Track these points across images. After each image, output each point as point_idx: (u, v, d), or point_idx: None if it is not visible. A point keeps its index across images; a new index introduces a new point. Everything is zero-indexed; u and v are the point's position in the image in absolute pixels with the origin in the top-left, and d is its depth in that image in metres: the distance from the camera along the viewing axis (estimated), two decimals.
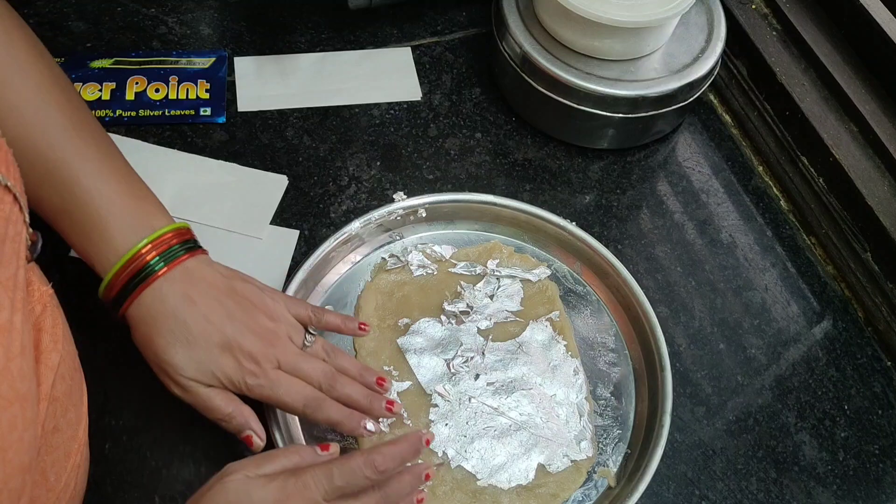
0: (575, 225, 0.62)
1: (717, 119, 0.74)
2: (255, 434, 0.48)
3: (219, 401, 0.47)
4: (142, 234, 0.46)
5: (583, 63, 0.65)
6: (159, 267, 0.46)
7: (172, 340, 0.46)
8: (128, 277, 0.46)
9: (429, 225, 0.63)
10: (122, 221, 0.46)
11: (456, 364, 0.56)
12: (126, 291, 0.46)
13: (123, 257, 0.46)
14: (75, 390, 0.41)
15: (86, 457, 0.43)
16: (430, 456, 0.53)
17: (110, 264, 0.46)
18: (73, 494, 0.41)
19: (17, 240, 0.32)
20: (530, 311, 0.59)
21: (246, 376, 0.47)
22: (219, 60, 0.71)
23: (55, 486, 0.38)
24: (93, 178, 0.46)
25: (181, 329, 0.46)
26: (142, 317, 0.46)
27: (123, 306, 0.46)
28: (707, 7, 0.69)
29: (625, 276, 0.59)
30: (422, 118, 0.71)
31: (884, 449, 0.57)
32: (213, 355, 0.46)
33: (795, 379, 0.60)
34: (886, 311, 0.62)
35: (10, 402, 0.30)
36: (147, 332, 0.46)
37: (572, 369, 0.57)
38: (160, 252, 0.46)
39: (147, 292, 0.46)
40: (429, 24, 0.77)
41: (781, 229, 0.68)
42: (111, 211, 0.46)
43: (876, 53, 0.66)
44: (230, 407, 0.47)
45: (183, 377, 0.46)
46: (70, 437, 0.40)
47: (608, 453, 0.54)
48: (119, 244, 0.46)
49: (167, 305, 0.46)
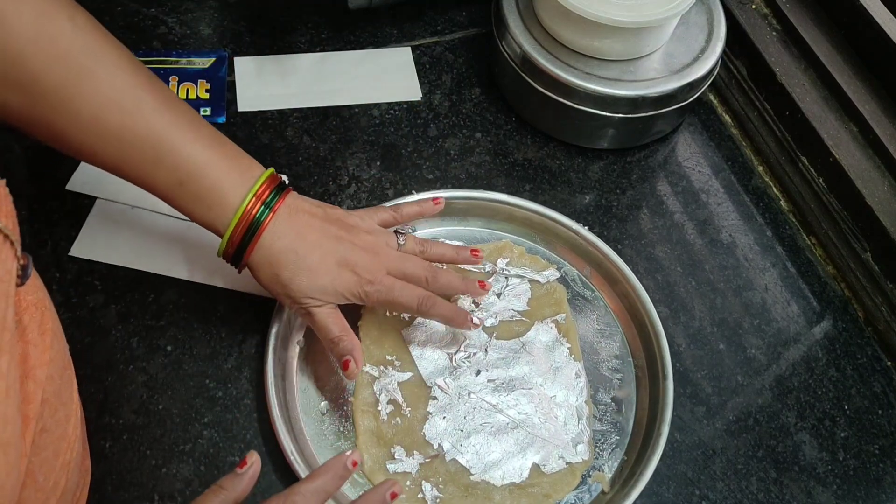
0: (588, 229, 0.62)
1: (717, 119, 0.74)
2: (354, 361, 0.52)
3: (333, 324, 0.52)
4: (247, 187, 0.50)
5: (583, 63, 0.65)
6: (265, 216, 0.50)
7: (296, 270, 0.51)
8: (243, 232, 0.50)
9: (441, 220, 0.63)
10: (231, 181, 0.50)
11: (458, 358, 0.56)
12: (244, 243, 0.50)
13: (236, 214, 0.49)
14: (64, 388, 0.41)
15: (78, 453, 0.43)
16: (425, 447, 0.53)
17: (228, 222, 0.49)
18: (65, 491, 0.41)
19: (6, 279, 0.31)
20: (537, 312, 0.59)
21: (364, 286, 0.52)
22: (219, 60, 0.71)
23: (44, 485, 0.38)
24: (196, 148, 0.49)
25: (301, 260, 0.51)
26: (263, 260, 0.51)
27: (245, 257, 0.51)
28: (707, 7, 0.69)
29: (634, 283, 0.59)
30: (422, 118, 0.71)
31: (884, 449, 0.57)
32: (333, 275, 0.51)
33: (795, 379, 0.60)
34: (886, 311, 0.62)
35: None
36: (271, 271, 0.51)
37: (574, 372, 0.57)
38: (263, 202, 0.50)
39: (262, 239, 0.50)
40: (429, 24, 0.77)
41: (781, 229, 0.68)
42: (221, 174, 0.49)
43: (876, 53, 0.66)
44: (341, 332, 0.53)
45: (309, 300, 0.51)
46: (59, 437, 0.40)
47: (604, 458, 0.54)
48: (232, 201, 0.49)
49: (283, 243, 0.50)
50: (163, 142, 0.47)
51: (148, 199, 0.60)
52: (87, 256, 0.59)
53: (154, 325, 0.57)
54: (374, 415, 0.54)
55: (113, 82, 0.46)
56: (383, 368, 0.56)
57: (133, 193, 0.62)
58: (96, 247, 0.60)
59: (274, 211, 0.50)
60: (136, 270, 0.59)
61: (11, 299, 0.32)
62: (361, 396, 0.55)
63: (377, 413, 0.54)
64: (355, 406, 0.55)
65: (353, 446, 0.53)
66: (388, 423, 0.54)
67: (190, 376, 0.56)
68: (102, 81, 0.46)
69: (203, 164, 0.49)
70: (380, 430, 0.54)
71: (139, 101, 0.47)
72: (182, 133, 0.48)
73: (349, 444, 0.54)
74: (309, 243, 0.51)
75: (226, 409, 0.55)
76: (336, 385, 0.56)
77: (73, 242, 0.60)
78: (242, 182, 0.50)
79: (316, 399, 0.55)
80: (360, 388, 0.55)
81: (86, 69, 0.45)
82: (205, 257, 0.60)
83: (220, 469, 0.52)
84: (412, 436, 0.54)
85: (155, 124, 0.47)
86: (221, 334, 0.58)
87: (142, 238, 0.61)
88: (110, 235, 0.61)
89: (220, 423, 0.54)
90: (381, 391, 0.55)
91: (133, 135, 0.47)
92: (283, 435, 0.51)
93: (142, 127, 0.47)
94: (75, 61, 0.45)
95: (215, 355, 0.57)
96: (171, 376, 0.56)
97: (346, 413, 0.55)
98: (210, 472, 0.52)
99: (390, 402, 0.55)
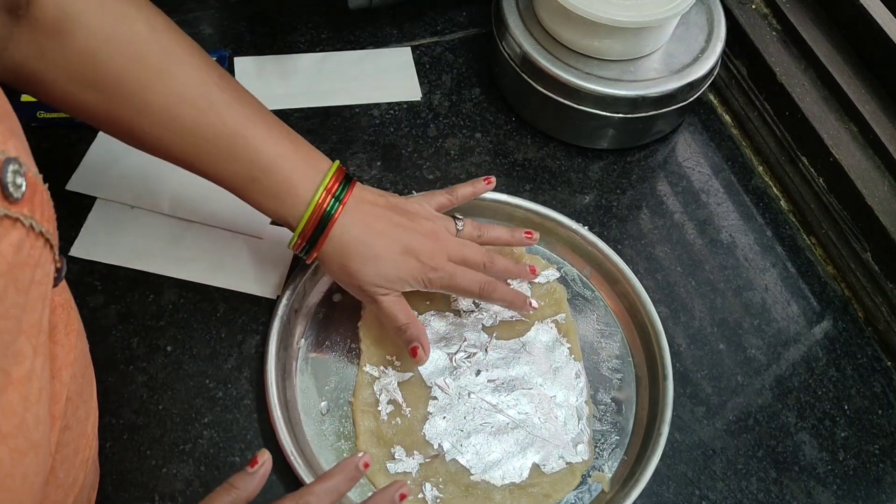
0: (587, 229, 0.62)
1: (717, 119, 0.74)
2: (422, 347, 0.54)
3: (399, 312, 0.54)
4: (317, 181, 0.51)
5: (583, 63, 0.65)
6: (335, 208, 0.51)
7: (363, 261, 0.52)
8: (315, 225, 0.51)
9: None
10: (303, 175, 0.51)
11: (458, 358, 0.56)
12: (315, 236, 0.51)
13: (309, 207, 0.50)
14: (86, 387, 0.41)
15: (95, 450, 0.44)
16: (425, 447, 0.53)
17: (300, 215, 0.51)
18: (83, 488, 0.41)
19: (44, 282, 0.32)
20: (537, 312, 0.59)
21: (428, 272, 0.53)
22: (219, 60, 0.71)
23: (64, 482, 0.38)
24: (268, 143, 0.50)
25: (368, 250, 0.52)
26: (333, 252, 0.52)
27: (316, 249, 0.52)
28: (707, 7, 0.69)
29: (634, 283, 0.59)
30: (422, 118, 0.71)
31: (884, 449, 0.57)
32: (398, 263, 0.53)
33: (795, 379, 0.60)
34: (886, 311, 0.62)
35: (24, 453, 0.30)
36: (341, 262, 0.52)
37: (574, 372, 0.57)
38: (333, 195, 0.51)
39: (333, 231, 0.51)
40: (429, 24, 0.77)
41: (781, 229, 0.68)
42: (293, 169, 0.50)
43: (876, 53, 0.66)
44: (409, 319, 0.54)
45: (377, 289, 0.53)
46: (79, 434, 0.40)
47: (604, 458, 0.54)
48: (304, 196, 0.50)
49: (351, 235, 0.52)
50: (237, 138, 0.49)
51: (148, 199, 0.60)
52: (87, 256, 0.59)
53: (154, 325, 0.58)
54: (374, 415, 0.54)
55: (187, 81, 0.47)
56: (383, 368, 0.56)
57: (133, 193, 0.62)
58: (96, 247, 0.60)
59: (343, 203, 0.51)
60: (136, 270, 0.59)
61: (48, 302, 0.32)
62: (361, 396, 0.55)
63: (377, 413, 0.54)
64: (355, 406, 0.55)
65: (354, 446, 0.53)
66: (388, 423, 0.54)
67: (190, 376, 0.56)
68: (177, 80, 0.47)
69: (275, 159, 0.50)
70: (380, 430, 0.54)
71: (213, 97, 0.48)
72: (256, 129, 0.49)
73: (349, 444, 0.54)
74: (375, 233, 0.52)
75: (226, 409, 0.55)
76: (336, 385, 0.56)
77: (72, 242, 0.60)
78: (313, 176, 0.51)
79: (316, 399, 0.55)
80: (360, 388, 0.55)
81: (162, 69, 0.47)
82: (205, 257, 0.60)
83: (221, 469, 0.52)
84: (412, 436, 0.54)
85: (229, 120, 0.49)
86: (221, 334, 0.58)
87: (142, 238, 0.61)
88: (110, 235, 0.60)
89: (221, 423, 0.54)
90: (382, 391, 0.55)
91: (208, 131, 0.48)
92: (284, 435, 0.51)
93: (216, 123, 0.48)
94: (151, 62, 0.46)
95: (215, 355, 0.57)
96: (172, 376, 0.56)
97: (346, 413, 0.55)
98: (210, 472, 0.52)
99: (390, 402, 0.55)
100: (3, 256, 0.27)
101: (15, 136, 0.29)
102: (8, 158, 0.27)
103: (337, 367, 0.57)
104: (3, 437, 0.28)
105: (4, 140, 0.27)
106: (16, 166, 0.27)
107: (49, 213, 0.32)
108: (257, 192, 0.50)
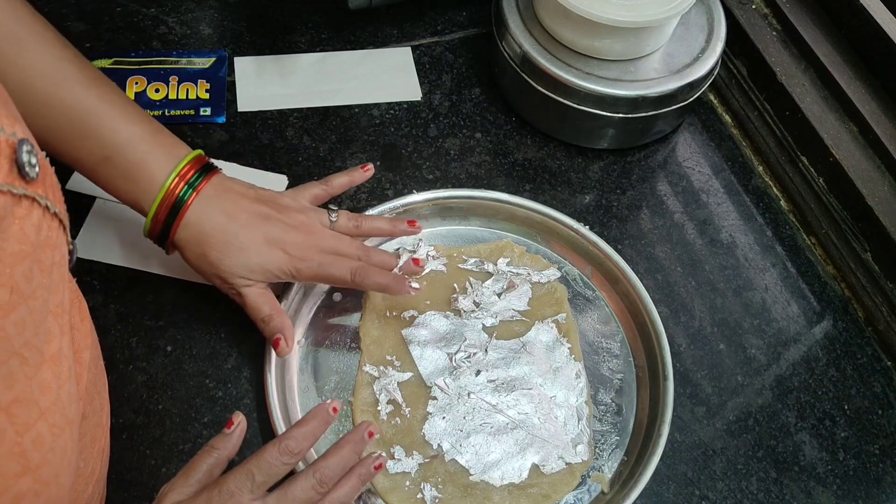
0: (588, 229, 0.62)
1: (717, 119, 0.74)
2: (284, 339, 0.53)
3: (263, 304, 0.53)
4: (171, 166, 0.50)
5: (583, 63, 0.65)
6: (188, 195, 0.50)
7: (224, 250, 0.51)
8: (167, 210, 0.50)
9: (442, 220, 0.64)
10: (158, 157, 0.50)
11: (458, 358, 0.56)
12: (168, 223, 0.50)
13: (160, 192, 0.49)
14: (99, 377, 0.42)
15: (108, 442, 0.44)
16: (425, 447, 0.53)
17: (152, 199, 0.50)
18: (99, 478, 0.42)
19: (62, 262, 0.32)
20: (537, 312, 0.59)
21: (296, 263, 0.53)
22: (219, 60, 0.71)
23: (83, 471, 0.39)
24: (123, 124, 0.49)
25: (230, 238, 0.51)
26: (191, 238, 0.51)
27: (170, 236, 0.51)
28: (707, 7, 0.69)
29: (634, 283, 0.59)
30: (422, 118, 0.71)
31: (884, 449, 0.57)
32: (263, 253, 0.52)
33: (795, 379, 0.60)
34: (886, 311, 0.62)
35: (62, 428, 0.30)
36: (199, 251, 0.51)
37: (574, 372, 0.57)
38: (186, 181, 0.50)
39: (187, 218, 0.50)
40: (429, 24, 0.77)
41: (781, 229, 0.68)
42: (148, 151, 0.49)
43: (876, 53, 0.66)
44: (272, 311, 0.53)
45: (238, 279, 0.52)
46: (95, 424, 0.40)
47: (604, 458, 0.54)
48: (159, 178, 0.50)
49: (212, 224, 0.51)
50: (90, 115, 0.48)
51: None
52: (87, 256, 0.59)
53: (153, 325, 0.57)
54: (373, 415, 0.54)
55: (42, 53, 0.47)
56: (383, 368, 0.56)
57: None
58: (96, 247, 0.60)
59: (197, 191, 0.50)
60: (135, 270, 0.59)
61: (66, 284, 0.33)
62: (361, 396, 0.55)
63: (377, 413, 0.54)
64: (355, 406, 0.55)
65: None
66: (387, 423, 0.54)
67: (190, 376, 0.56)
68: (31, 51, 0.47)
69: (130, 139, 0.49)
70: (379, 430, 0.54)
71: (67, 72, 0.48)
72: (111, 108, 0.49)
73: None
74: (238, 223, 0.51)
75: (226, 409, 0.55)
76: (336, 385, 0.56)
77: None
78: (168, 161, 0.50)
79: (316, 399, 0.55)
80: (360, 388, 0.55)
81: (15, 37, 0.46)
82: None
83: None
84: (412, 436, 0.54)
85: (82, 97, 0.48)
86: (221, 334, 0.58)
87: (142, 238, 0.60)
88: (110, 235, 0.60)
89: (220, 423, 0.54)
90: (381, 391, 0.55)
91: (61, 104, 0.47)
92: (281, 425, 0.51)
93: (68, 98, 0.47)
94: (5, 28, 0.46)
95: (215, 355, 0.57)
96: (171, 376, 0.56)
97: (346, 413, 0.55)
98: None
99: (390, 402, 0.55)
100: (27, 237, 0.28)
101: (19, 121, 0.29)
102: (21, 140, 0.27)
103: (337, 367, 0.57)
104: (42, 412, 0.29)
105: (12, 123, 0.28)
106: (29, 146, 0.28)
107: (59, 194, 0.32)
108: (110, 173, 0.49)
